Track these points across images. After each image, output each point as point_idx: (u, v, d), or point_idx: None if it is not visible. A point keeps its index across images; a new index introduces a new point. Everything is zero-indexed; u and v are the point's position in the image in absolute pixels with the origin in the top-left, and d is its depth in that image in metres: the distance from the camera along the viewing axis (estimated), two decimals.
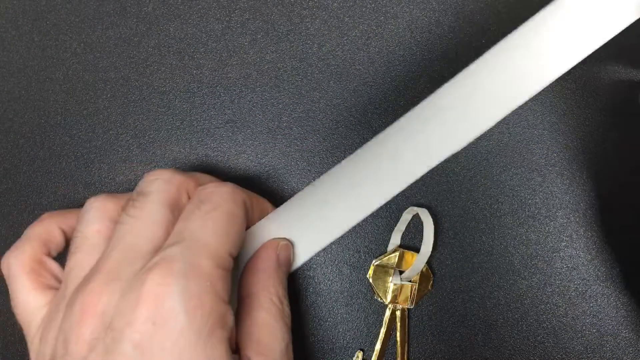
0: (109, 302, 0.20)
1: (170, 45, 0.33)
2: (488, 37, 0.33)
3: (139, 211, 0.23)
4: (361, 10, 0.33)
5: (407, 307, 0.31)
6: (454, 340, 0.31)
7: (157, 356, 0.19)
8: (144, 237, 0.22)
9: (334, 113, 0.32)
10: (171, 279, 0.19)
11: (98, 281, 0.21)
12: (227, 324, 0.21)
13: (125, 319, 0.19)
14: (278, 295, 0.23)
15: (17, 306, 0.24)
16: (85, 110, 0.33)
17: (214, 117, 0.33)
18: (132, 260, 0.21)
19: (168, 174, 0.24)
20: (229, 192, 0.24)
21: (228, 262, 0.22)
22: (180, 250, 0.20)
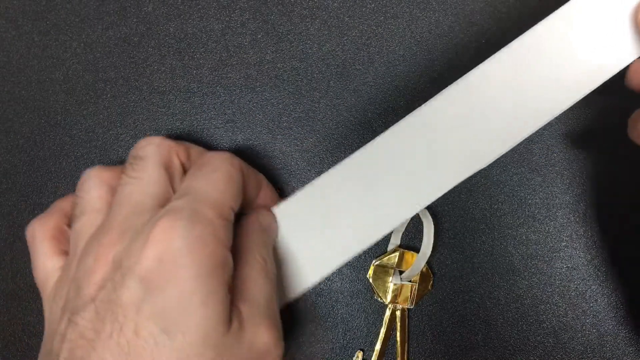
0: (120, 250, 0.22)
1: (170, 45, 0.33)
2: (488, 37, 0.33)
3: (139, 172, 0.24)
4: (361, 10, 0.33)
5: (407, 307, 0.31)
6: (454, 340, 0.31)
7: (160, 289, 0.20)
8: (148, 194, 0.24)
9: (334, 113, 0.32)
10: (178, 222, 0.21)
11: (110, 234, 0.23)
12: (227, 267, 0.22)
13: (133, 259, 0.21)
14: (261, 254, 0.25)
15: (36, 269, 0.26)
16: (85, 110, 0.33)
17: (214, 117, 0.33)
18: (139, 214, 0.23)
19: (158, 139, 0.26)
20: (228, 157, 0.26)
21: (229, 213, 0.24)
22: (185, 202, 0.22)
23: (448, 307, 0.31)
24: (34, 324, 0.32)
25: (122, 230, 0.22)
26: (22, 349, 0.32)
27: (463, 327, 0.31)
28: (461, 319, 0.31)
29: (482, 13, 0.33)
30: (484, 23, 0.33)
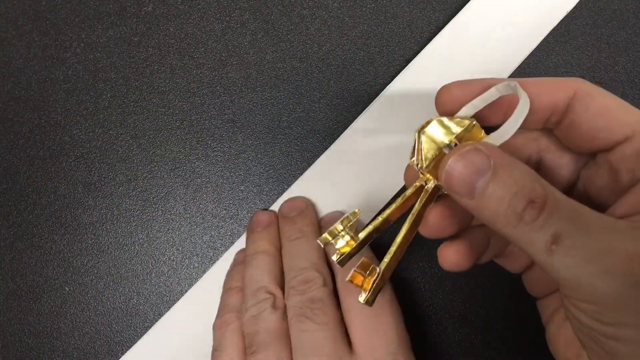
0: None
1: (170, 45, 0.33)
2: None
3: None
4: (361, 10, 0.33)
5: (434, 184, 0.23)
6: (454, 341, 0.31)
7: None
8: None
9: (334, 113, 0.32)
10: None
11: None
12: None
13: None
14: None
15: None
16: (85, 110, 0.33)
17: (214, 117, 0.33)
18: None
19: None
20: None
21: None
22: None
23: (448, 307, 0.31)
24: (34, 324, 0.32)
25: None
26: (22, 349, 0.32)
27: (463, 327, 0.31)
28: (461, 319, 0.31)
29: None
30: None
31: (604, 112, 0.22)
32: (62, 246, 0.32)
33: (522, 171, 0.19)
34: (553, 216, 0.18)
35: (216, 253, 0.32)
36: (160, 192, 0.32)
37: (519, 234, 0.19)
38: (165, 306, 0.32)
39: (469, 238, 0.24)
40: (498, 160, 0.19)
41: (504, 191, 0.19)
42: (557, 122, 0.23)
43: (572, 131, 0.22)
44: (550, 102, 0.22)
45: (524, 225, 0.19)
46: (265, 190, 0.32)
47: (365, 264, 0.22)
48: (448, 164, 0.20)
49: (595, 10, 0.33)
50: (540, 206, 0.18)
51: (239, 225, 0.32)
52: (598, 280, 0.18)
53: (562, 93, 0.22)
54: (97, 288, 0.32)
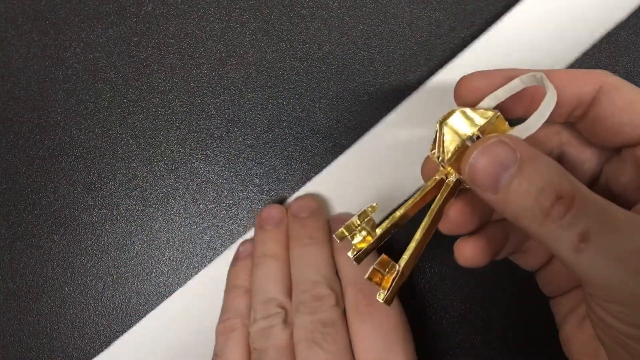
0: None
1: (170, 44, 0.33)
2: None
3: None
4: (361, 10, 0.33)
5: (456, 177, 0.22)
6: (454, 341, 0.31)
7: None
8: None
9: (334, 113, 0.32)
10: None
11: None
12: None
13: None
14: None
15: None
16: (85, 110, 0.33)
17: (213, 117, 0.32)
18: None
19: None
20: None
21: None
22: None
23: (448, 307, 0.31)
24: (34, 324, 0.32)
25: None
26: (22, 349, 0.32)
27: (463, 327, 0.31)
28: (461, 319, 0.31)
29: (482, 13, 0.33)
30: (484, 23, 0.33)
31: (630, 106, 0.21)
32: (61, 246, 0.32)
33: (550, 165, 0.19)
34: (581, 213, 0.18)
35: (216, 253, 0.32)
36: (160, 192, 0.32)
37: (545, 231, 0.18)
38: None
39: (487, 233, 0.24)
40: (524, 153, 0.19)
41: (530, 186, 0.18)
42: (581, 115, 0.22)
43: (597, 125, 0.22)
44: (575, 95, 0.21)
45: (551, 222, 0.18)
46: (265, 190, 0.32)
47: (384, 262, 0.21)
48: (472, 157, 0.19)
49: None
50: (568, 202, 0.18)
51: (239, 225, 0.32)
52: (629, 281, 0.17)
53: (588, 85, 0.21)
54: (97, 288, 0.32)
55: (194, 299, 0.31)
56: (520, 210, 0.19)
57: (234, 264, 0.30)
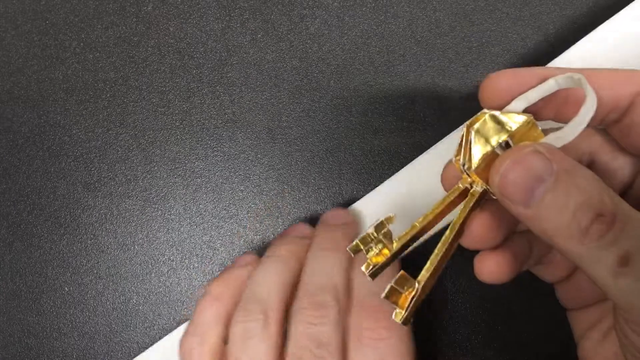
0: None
1: (169, 44, 0.33)
2: (488, 37, 0.33)
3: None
4: (361, 9, 0.33)
5: (483, 187, 0.21)
6: (454, 340, 0.31)
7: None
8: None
9: (334, 113, 0.32)
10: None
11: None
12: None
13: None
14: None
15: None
16: (84, 110, 0.33)
17: (213, 116, 0.32)
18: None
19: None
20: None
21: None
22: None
23: (448, 307, 0.31)
24: (34, 324, 0.32)
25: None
26: (22, 349, 0.32)
27: (463, 327, 0.31)
28: (461, 319, 0.31)
29: (483, 13, 0.33)
30: (484, 23, 0.33)
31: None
32: (61, 246, 0.32)
33: (589, 179, 0.17)
34: (623, 233, 0.16)
35: (216, 253, 0.32)
36: (160, 192, 0.32)
37: (582, 251, 0.17)
38: (165, 307, 0.32)
39: (511, 247, 0.22)
40: (561, 165, 0.17)
41: (567, 201, 0.17)
42: (617, 119, 0.20)
43: (632, 131, 0.20)
44: (612, 98, 0.20)
45: (589, 241, 0.16)
46: (265, 190, 0.32)
47: (402, 279, 0.20)
48: (504, 167, 0.18)
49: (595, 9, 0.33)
50: (609, 221, 0.16)
51: (239, 225, 0.32)
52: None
53: (627, 88, 0.20)
54: (97, 288, 0.32)
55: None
56: (555, 228, 0.17)
57: (226, 269, 0.28)
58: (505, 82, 0.20)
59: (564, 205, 0.17)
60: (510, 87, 0.20)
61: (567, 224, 0.17)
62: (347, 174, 0.32)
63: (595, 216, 0.16)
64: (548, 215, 0.17)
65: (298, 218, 0.32)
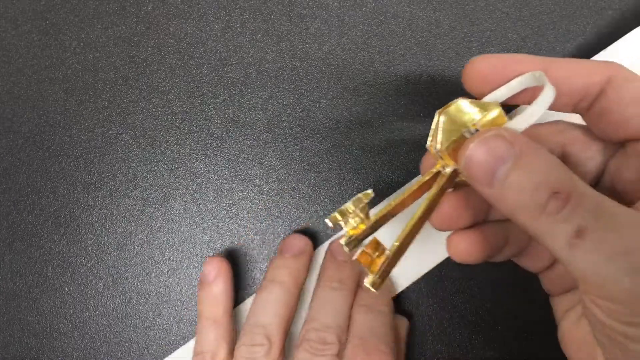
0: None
1: (169, 44, 0.33)
2: (488, 37, 0.33)
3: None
4: (361, 9, 0.33)
5: (455, 168, 0.22)
6: (454, 340, 0.31)
7: None
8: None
9: (334, 113, 0.32)
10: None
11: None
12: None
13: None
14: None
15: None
16: (84, 110, 0.33)
17: (213, 116, 0.32)
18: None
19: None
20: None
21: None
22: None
23: (448, 307, 0.31)
24: (34, 324, 0.32)
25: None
26: (22, 349, 0.32)
27: (463, 327, 0.31)
28: (461, 319, 0.31)
29: (482, 13, 0.33)
30: (484, 23, 0.33)
31: (638, 100, 0.20)
32: (61, 246, 0.32)
33: (547, 160, 0.18)
34: (578, 209, 0.17)
35: (216, 253, 0.32)
36: (160, 192, 0.32)
37: (540, 226, 0.18)
38: (165, 306, 0.32)
39: (483, 230, 0.23)
40: (521, 147, 0.19)
41: (526, 180, 0.18)
42: (588, 107, 0.22)
43: (603, 118, 0.21)
44: (582, 86, 0.21)
45: (546, 217, 0.18)
46: (265, 190, 0.32)
47: (374, 244, 0.21)
48: (469, 149, 0.19)
49: (596, 9, 0.33)
50: (565, 198, 0.18)
51: (239, 225, 0.32)
52: (624, 279, 0.17)
53: (595, 77, 0.21)
54: (97, 288, 0.32)
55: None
56: (516, 205, 0.18)
57: (201, 288, 0.30)
58: (483, 65, 0.22)
59: (524, 185, 0.18)
60: (488, 70, 0.22)
61: (527, 202, 0.18)
62: (347, 174, 0.32)
63: (551, 193, 0.18)
64: (510, 194, 0.18)
65: (298, 218, 0.32)
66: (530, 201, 0.18)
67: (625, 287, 0.17)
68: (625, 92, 0.20)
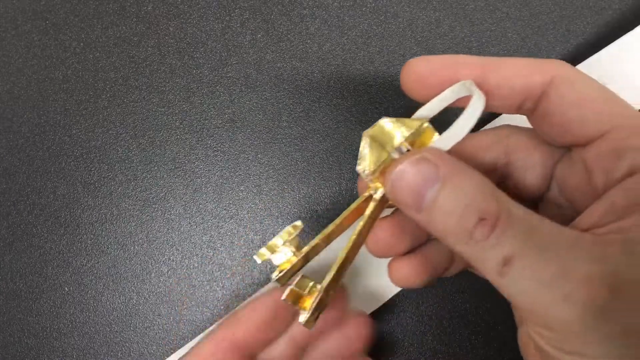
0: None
1: (169, 44, 0.33)
2: (488, 37, 0.33)
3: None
4: (361, 9, 0.33)
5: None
6: (454, 340, 0.31)
7: None
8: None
9: (334, 113, 0.32)
10: None
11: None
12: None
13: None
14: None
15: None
16: (84, 110, 0.33)
17: (213, 116, 0.32)
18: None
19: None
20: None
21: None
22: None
23: (448, 307, 0.31)
24: (33, 324, 0.32)
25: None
26: (21, 349, 0.32)
27: (463, 327, 0.31)
28: (461, 319, 0.31)
29: (482, 13, 0.33)
30: (484, 23, 0.33)
31: (581, 102, 0.19)
32: (61, 246, 0.32)
33: (474, 182, 0.18)
34: (506, 234, 0.17)
35: (216, 253, 0.32)
36: (160, 192, 0.32)
37: (470, 251, 0.17)
38: (165, 306, 0.32)
39: (424, 252, 0.22)
40: (447, 169, 0.18)
41: (453, 204, 0.17)
42: (533, 108, 0.20)
43: (545, 121, 0.20)
44: (522, 87, 0.20)
45: (474, 243, 0.17)
46: (265, 190, 0.32)
47: (303, 281, 0.20)
48: (394, 173, 0.18)
49: (596, 9, 0.33)
50: (492, 223, 0.17)
51: (239, 225, 0.32)
52: (555, 307, 0.16)
53: (537, 77, 0.19)
54: (97, 288, 0.32)
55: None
56: (445, 230, 0.18)
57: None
58: (419, 67, 0.21)
59: (451, 209, 0.17)
60: (424, 72, 0.21)
61: (455, 227, 0.17)
62: (347, 174, 0.32)
63: (478, 219, 0.17)
64: (438, 219, 0.18)
65: (298, 218, 0.32)
66: (458, 226, 0.17)
67: (558, 316, 0.16)
68: (567, 94, 0.19)
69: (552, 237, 0.17)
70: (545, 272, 0.16)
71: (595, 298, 0.16)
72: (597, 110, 0.19)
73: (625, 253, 0.16)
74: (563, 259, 0.16)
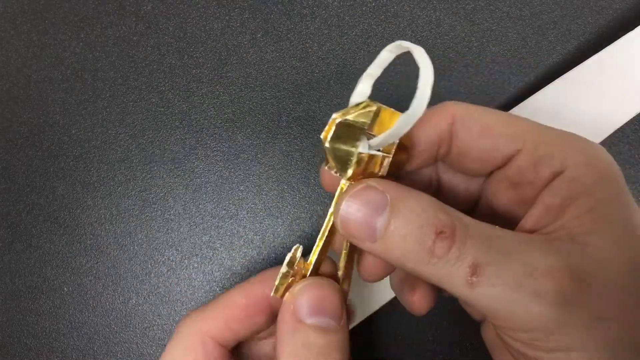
0: None
1: (169, 44, 0.33)
2: (488, 36, 0.33)
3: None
4: (361, 9, 0.33)
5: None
6: (454, 340, 0.31)
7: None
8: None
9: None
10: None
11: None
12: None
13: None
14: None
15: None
16: (84, 110, 0.33)
17: (213, 116, 0.32)
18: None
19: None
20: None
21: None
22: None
23: (448, 307, 0.31)
24: (34, 324, 0.32)
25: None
26: (21, 349, 0.32)
27: (463, 326, 0.31)
28: (461, 319, 0.31)
29: (483, 12, 0.33)
30: (484, 23, 0.33)
31: (486, 131, 0.20)
32: (60, 246, 0.32)
33: (423, 201, 0.18)
34: (466, 244, 0.17)
35: (215, 253, 0.32)
36: (160, 192, 0.32)
37: (435, 270, 0.17)
38: (165, 307, 0.32)
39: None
40: (394, 193, 0.18)
41: (408, 226, 0.17)
42: (447, 151, 0.21)
43: (463, 158, 0.21)
44: (436, 133, 0.20)
45: (437, 260, 0.17)
46: (265, 190, 0.32)
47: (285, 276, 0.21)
48: (341, 209, 0.18)
49: (596, 9, 0.33)
50: (450, 236, 0.17)
51: (239, 225, 0.32)
52: (529, 306, 0.16)
53: (441, 121, 0.20)
54: (96, 288, 0.32)
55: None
56: (404, 255, 0.17)
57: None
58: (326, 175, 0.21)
59: (407, 231, 0.17)
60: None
61: (414, 248, 0.17)
62: None
63: (436, 235, 0.17)
64: (395, 244, 0.17)
65: (298, 218, 0.32)
66: (417, 247, 0.17)
67: (533, 314, 0.16)
68: (472, 127, 0.20)
69: (509, 241, 0.17)
70: (512, 274, 0.16)
71: (562, 289, 0.16)
72: (504, 132, 0.20)
73: (575, 245, 0.17)
74: (526, 258, 0.16)
